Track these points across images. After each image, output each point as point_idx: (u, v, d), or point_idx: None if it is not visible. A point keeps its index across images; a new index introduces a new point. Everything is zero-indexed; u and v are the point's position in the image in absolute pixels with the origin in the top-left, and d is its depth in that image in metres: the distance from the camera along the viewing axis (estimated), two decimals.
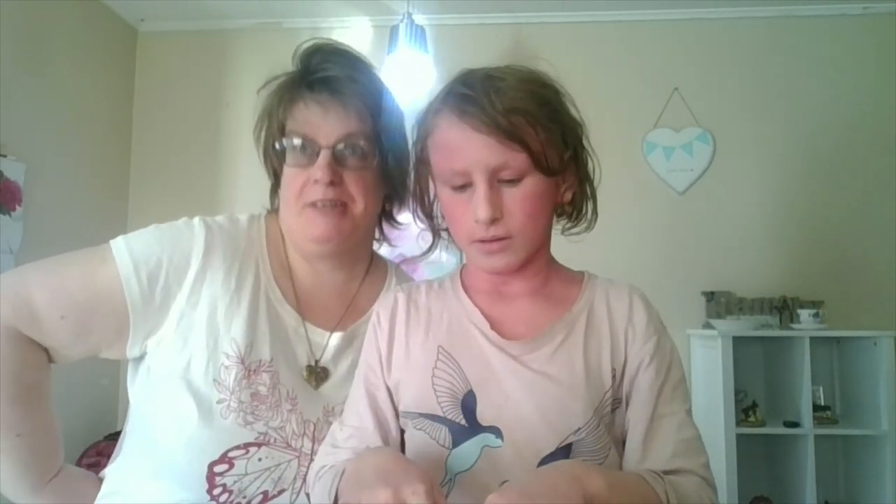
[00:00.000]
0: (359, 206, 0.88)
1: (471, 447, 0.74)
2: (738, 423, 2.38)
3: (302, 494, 0.84)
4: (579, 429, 0.73)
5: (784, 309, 2.65)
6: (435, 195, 0.82)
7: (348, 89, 0.87)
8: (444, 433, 0.75)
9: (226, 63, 2.98)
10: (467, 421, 0.75)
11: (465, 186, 0.74)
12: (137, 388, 0.89)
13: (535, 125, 0.72)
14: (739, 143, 2.81)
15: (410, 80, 2.52)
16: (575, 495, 0.59)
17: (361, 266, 0.98)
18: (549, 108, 0.75)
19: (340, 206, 0.87)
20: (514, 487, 0.61)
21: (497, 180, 0.72)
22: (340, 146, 0.86)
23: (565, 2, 2.81)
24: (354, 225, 0.89)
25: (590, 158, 0.80)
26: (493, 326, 0.78)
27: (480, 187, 0.72)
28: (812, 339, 2.42)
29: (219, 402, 0.82)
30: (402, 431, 0.80)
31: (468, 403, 0.75)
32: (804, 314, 2.50)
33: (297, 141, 0.86)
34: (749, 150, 2.80)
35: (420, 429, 0.77)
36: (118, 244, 0.86)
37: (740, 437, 2.35)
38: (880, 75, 2.75)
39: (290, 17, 2.90)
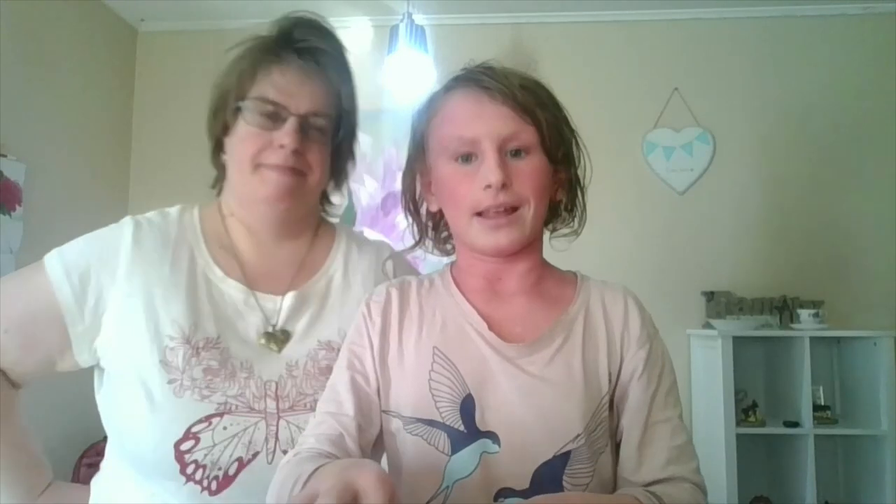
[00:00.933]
0: (315, 176, 0.89)
1: (470, 453, 0.73)
2: (738, 423, 2.38)
3: (278, 453, 0.82)
4: (578, 435, 0.72)
5: (784, 309, 2.65)
6: (422, 194, 0.83)
7: (331, 64, 0.89)
8: (442, 439, 0.74)
9: (226, 63, 2.98)
10: (466, 426, 0.73)
11: (470, 158, 0.75)
12: (102, 395, 0.89)
13: (544, 107, 0.75)
14: (739, 143, 2.81)
15: (410, 80, 2.52)
16: None
17: (308, 234, 0.97)
18: (552, 100, 0.78)
19: (298, 173, 0.88)
20: None
21: (505, 152, 0.74)
22: (309, 118, 0.87)
23: (565, 2, 2.81)
24: (306, 192, 0.90)
25: (582, 164, 0.81)
26: (490, 327, 0.77)
27: (490, 155, 0.73)
28: (812, 339, 2.42)
29: (170, 382, 0.81)
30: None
31: (467, 408, 0.74)
32: (804, 314, 2.50)
33: (267, 102, 0.85)
34: (749, 150, 2.80)
35: (417, 434, 0.75)
36: (51, 255, 0.87)
37: (740, 437, 2.34)
38: (880, 75, 2.75)
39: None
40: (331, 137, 0.90)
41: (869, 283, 2.68)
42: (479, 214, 0.75)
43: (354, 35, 2.94)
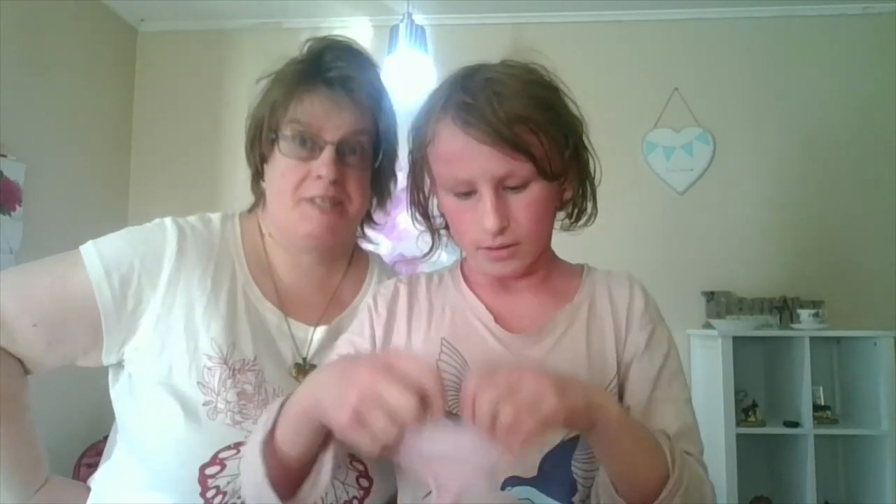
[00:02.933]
0: (354, 206, 0.89)
1: None
2: (738, 423, 2.38)
3: None
4: None
5: (784, 309, 2.65)
6: (430, 193, 0.82)
7: (362, 89, 0.87)
8: None
9: (226, 63, 2.98)
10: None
11: (469, 193, 0.73)
12: (120, 394, 0.87)
13: (539, 132, 0.71)
14: (739, 143, 2.81)
15: (410, 80, 2.52)
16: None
17: (343, 260, 0.97)
18: (552, 111, 0.74)
19: (338, 205, 0.87)
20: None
21: (502, 187, 0.72)
22: (344, 144, 0.86)
23: (565, 2, 2.81)
24: (348, 224, 0.90)
25: (590, 156, 0.80)
26: (496, 320, 0.78)
27: (487, 197, 0.71)
28: (812, 339, 2.42)
29: (205, 404, 0.81)
30: None
31: None
32: (804, 314, 2.50)
33: (301, 131, 0.85)
34: (749, 150, 2.80)
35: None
36: (88, 249, 0.84)
37: (740, 437, 2.35)
38: (880, 75, 2.75)
39: (290, 17, 2.90)
40: (370, 161, 0.90)
41: (869, 283, 2.68)
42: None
43: (354, 35, 2.94)
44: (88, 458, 2.40)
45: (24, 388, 0.87)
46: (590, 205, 0.82)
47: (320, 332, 0.90)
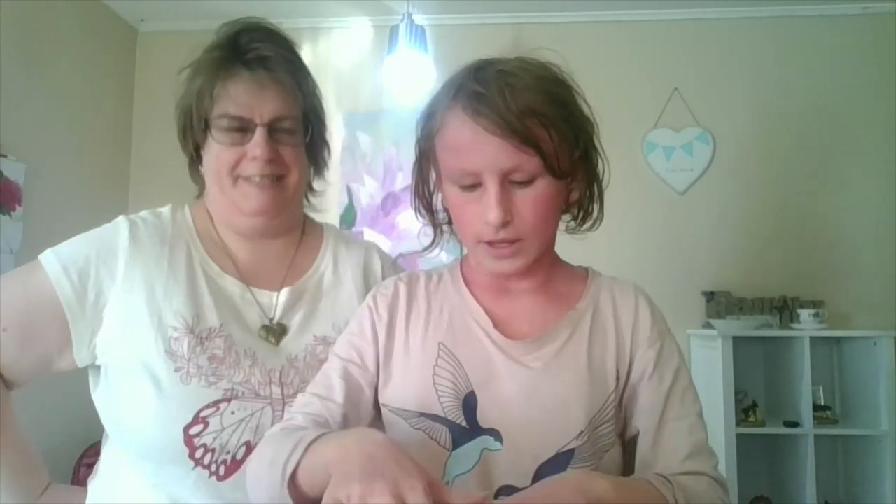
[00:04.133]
0: (293, 178, 0.91)
1: (470, 449, 0.73)
2: (738, 423, 2.38)
3: None
4: (581, 432, 0.72)
5: (784, 309, 2.65)
6: (435, 188, 0.81)
7: (282, 68, 0.89)
8: (444, 434, 0.74)
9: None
10: (468, 422, 0.73)
11: (474, 186, 0.72)
12: (101, 395, 0.89)
13: (549, 127, 0.69)
14: (739, 143, 2.81)
15: (410, 80, 2.52)
16: (578, 500, 0.56)
17: (296, 232, 1.00)
18: (564, 108, 0.72)
19: (278, 179, 0.90)
20: (514, 498, 0.59)
21: (508, 181, 0.71)
22: (275, 123, 0.88)
23: (565, 2, 2.81)
24: (288, 196, 0.92)
25: (599, 158, 0.79)
26: (496, 325, 0.77)
27: (492, 189, 0.70)
28: (812, 339, 2.42)
29: (176, 370, 0.83)
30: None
31: (469, 404, 0.74)
32: (804, 314, 2.50)
33: (231, 118, 0.87)
34: (749, 150, 2.80)
35: (419, 428, 0.75)
36: (45, 254, 0.87)
37: (740, 437, 2.34)
38: (880, 75, 2.75)
39: (290, 17, 2.89)
40: (302, 135, 0.92)
41: (869, 283, 2.68)
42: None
43: (354, 35, 2.94)
44: (88, 458, 2.40)
45: (5, 400, 0.88)
46: (596, 208, 0.81)
47: (284, 293, 0.93)
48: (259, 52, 0.89)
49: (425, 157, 0.80)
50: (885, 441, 2.35)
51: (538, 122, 0.69)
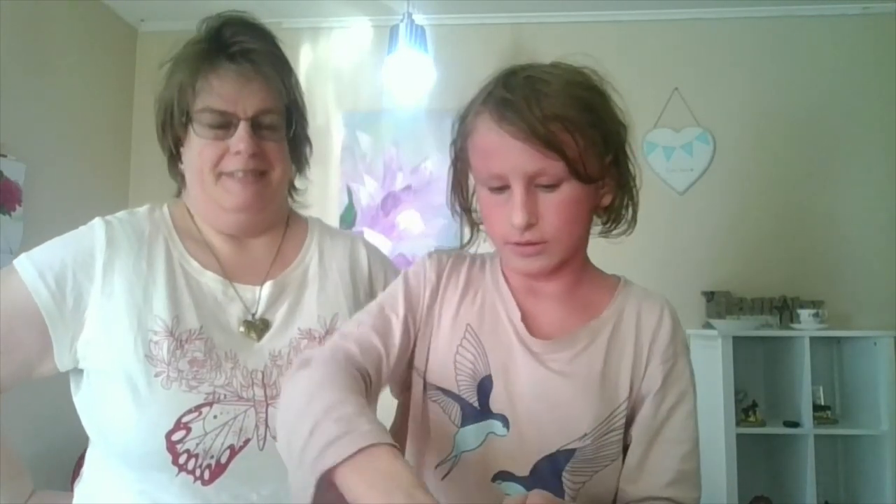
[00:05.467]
0: (277, 173, 0.90)
1: (476, 430, 0.75)
2: (738, 423, 2.38)
3: (269, 439, 0.83)
4: (585, 434, 0.73)
5: (784, 309, 2.65)
6: (474, 190, 0.82)
7: (266, 61, 0.88)
8: (455, 410, 0.76)
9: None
10: (479, 404, 0.75)
11: (502, 188, 0.73)
12: (82, 398, 0.88)
13: (574, 132, 0.70)
14: (739, 143, 2.81)
15: (410, 80, 2.52)
16: None
17: (279, 229, 0.98)
18: (592, 113, 0.73)
19: (261, 175, 0.88)
20: None
21: (534, 185, 0.72)
22: (258, 118, 0.87)
23: (565, 2, 2.81)
24: (272, 192, 0.91)
25: (630, 162, 0.79)
26: (523, 318, 0.78)
27: (517, 192, 0.71)
28: (812, 339, 2.42)
29: (156, 375, 0.81)
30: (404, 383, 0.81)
31: (485, 387, 0.76)
32: (804, 314, 2.50)
33: (214, 112, 0.86)
34: (749, 150, 2.80)
35: (434, 400, 0.78)
36: (20, 259, 0.85)
37: (740, 437, 2.35)
38: (880, 75, 2.75)
39: (290, 17, 2.90)
40: (284, 130, 0.91)
41: (869, 283, 2.68)
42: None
43: (354, 35, 2.94)
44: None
45: None
46: (629, 213, 0.81)
47: (267, 286, 0.92)
48: (243, 45, 0.88)
49: (461, 159, 0.81)
50: (885, 441, 2.35)
51: (562, 127, 0.70)
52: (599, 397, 0.75)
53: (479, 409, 0.75)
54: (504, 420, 0.74)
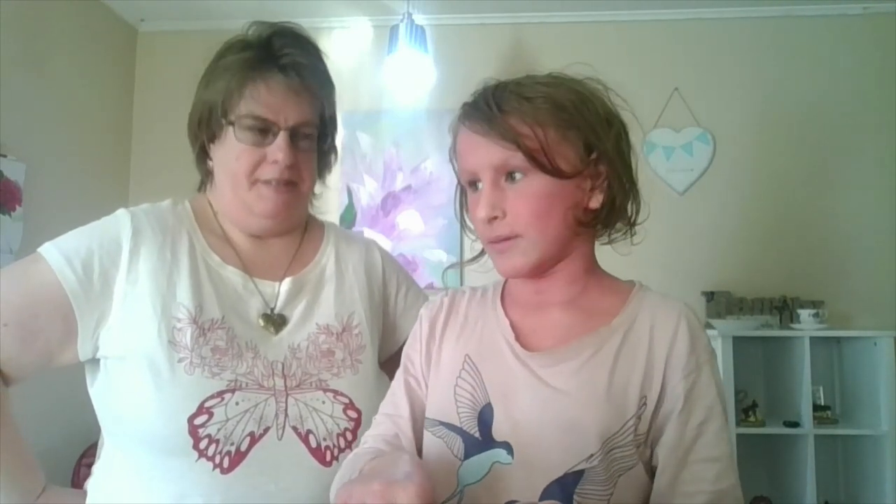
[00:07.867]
0: (306, 185, 0.95)
1: (480, 461, 0.73)
2: (738, 423, 2.39)
3: (287, 429, 0.85)
4: (592, 455, 0.69)
5: (784, 309, 2.65)
6: None
7: (314, 76, 0.92)
8: (458, 444, 0.75)
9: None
10: (481, 434, 0.74)
11: (476, 185, 0.76)
12: (98, 390, 0.89)
13: (534, 125, 0.71)
14: (739, 143, 2.81)
15: (410, 80, 2.52)
16: None
17: (298, 231, 1.02)
18: (563, 111, 0.73)
19: (291, 185, 0.91)
20: None
21: (504, 179, 0.73)
22: (297, 128, 0.90)
23: (565, 2, 2.81)
24: (300, 202, 0.96)
25: (626, 165, 0.77)
26: (518, 338, 0.77)
27: (483, 186, 0.74)
28: (812, 339, 2.42)
29: (180, 360, 0.83)
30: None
31: (485, 416, 0.74)
32: (804, 314, 2.50)
33: (256, 118, 0.88)
34: (749, 150, 2.80)
35: (439, 436, 0.77)
36: (46, 247, 0.87)
37: (740, 437, 2.35)
38: (880, 75, 2.75)
39: (291, 18, 2.88)
40: (316, 142, 0.94)
41: (869, 283, 2.68)
42: None
43: (354, 35, 2.94)
44: (88, 458, 2.40)
45: (5, 399, 0.87)
46: (626, 215, 0.79)
47: (286, 283, 0.95)
48: (293, 57, 0.91)
49: (455, 169, 0.83)
50: (885, 441, 2.35)
51: (520, 120, 0.71)
52: (606, 412, 0.70)
53: (480, 439, 0.74)
54: (508, 447, 0.72)
